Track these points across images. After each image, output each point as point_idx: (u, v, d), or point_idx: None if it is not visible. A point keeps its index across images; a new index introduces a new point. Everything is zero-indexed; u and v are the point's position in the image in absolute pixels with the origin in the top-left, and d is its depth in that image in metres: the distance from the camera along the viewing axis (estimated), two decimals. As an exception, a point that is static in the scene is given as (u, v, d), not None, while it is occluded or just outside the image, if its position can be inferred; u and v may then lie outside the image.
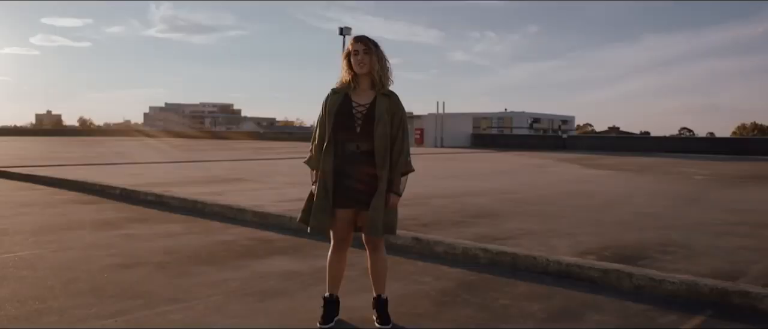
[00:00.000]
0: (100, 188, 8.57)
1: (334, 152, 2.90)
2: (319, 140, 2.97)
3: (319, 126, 2.99)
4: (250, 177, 10.79)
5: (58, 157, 17.38)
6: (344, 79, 2.95)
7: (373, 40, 2.94)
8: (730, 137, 55.29)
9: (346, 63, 2.94)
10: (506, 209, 6.88)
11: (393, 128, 2.92)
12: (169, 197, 7.28)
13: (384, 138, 2.87)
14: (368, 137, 2.87)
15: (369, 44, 2.91)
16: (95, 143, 33.08)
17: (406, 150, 2.97)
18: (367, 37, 2.95)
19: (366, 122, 2.87)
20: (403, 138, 2.95)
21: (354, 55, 2.90)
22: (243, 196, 7.64)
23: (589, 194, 8.75)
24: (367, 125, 2.87)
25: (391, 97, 2.95)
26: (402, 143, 2.94)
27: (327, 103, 2.95)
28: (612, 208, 7.20)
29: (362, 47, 2.90)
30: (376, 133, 2.85)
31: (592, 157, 21.48)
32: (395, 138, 2.93)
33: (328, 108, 2.93)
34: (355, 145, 2.88)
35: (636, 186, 10.31)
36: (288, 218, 5.79)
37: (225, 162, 15.66)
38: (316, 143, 2.99)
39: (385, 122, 2.88)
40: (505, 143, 34.06)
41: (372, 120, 2.86)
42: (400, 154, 2.93)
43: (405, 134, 2.97)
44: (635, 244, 4.87)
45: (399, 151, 2.93)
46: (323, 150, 2.91)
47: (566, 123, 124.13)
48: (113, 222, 6.07)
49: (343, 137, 2.89)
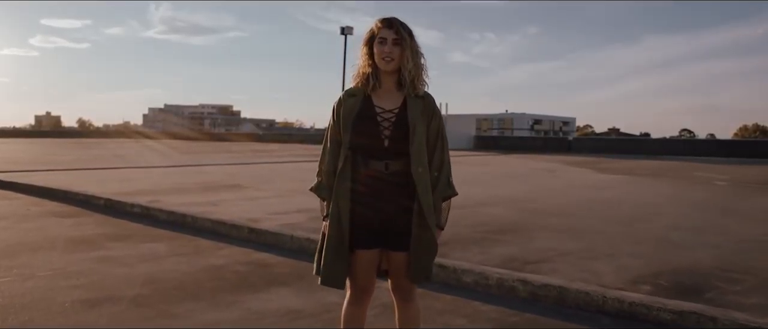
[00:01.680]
0: (84, 198, 7.90)
1: (353, 175, 2.18)
2: (331, 158, 2.24)
3: (330, 140, 2.26)
4: (248, 183, 10.14)
5: (50, 160, 16.74)
6: (362, 72, 2.23)
7: (406, 27, 2.21)
8: (740, 139, 54.59)
9: (367, 51, 2.22)
10: (529, 223, 6.22)
11: (430, 139, 2.24)
12: (156, 210, 6.61)
13: (422, 153, 2.18)
14: (400, 153, 2.16)
15: (402, 31, 2.17)
16: (92, 144, 32.40)
17: (447, 168, 2.27)
18: (400, 20, 2.22)
19: (396, 132, 2.16)
20: (443, 152, 2.26)
21: (380, 44, 2.17)
22: (239, 207, 6.99)
23: (613, 204, 8.10)
24: (397, 137, 2.16)
25: (425, 99, 2.24)
26: (441, 158, 2.25)
27: (340, 109, 2.24)
28: (644, 221, 6.55)
29: (392, 35, 2.16)
30: (413, 146, 2.15)
31: (600, 160, 20.82)
32: (432, 152, 2.24)
33: (343, 115, 2.21)
34: (383, 164, 2.17)
35: (658, 193, 9.66)
36: (288, 237, 5.12)
37: (223, 166, 15.01)
38: (327, 163, 2.26)
39: (421, 130, 2.18)
40: (509, 145, 33.36)
41: (405, 129, 2.16)
42: (440, 173, 2.24)
43: (444, 147, 2.27)
44: (690, 268, 4.22)
45: (438, 169, 2.23)
46: (337, 172, 2.20)
47: (567, 124, 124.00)
48: (90, 240, 5.39)
49: (365, 153, 2.18)
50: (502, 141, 37.01)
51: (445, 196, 2.26)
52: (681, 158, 23.29)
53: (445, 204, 2.27)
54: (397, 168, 2.17)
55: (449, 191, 2.27)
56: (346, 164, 2.18)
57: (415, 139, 2.15)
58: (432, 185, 2.20)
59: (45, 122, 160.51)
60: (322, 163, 2.29)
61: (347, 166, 2.18)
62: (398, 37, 2.17)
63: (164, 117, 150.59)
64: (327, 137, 2.29)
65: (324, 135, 2.32)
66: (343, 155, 2.19)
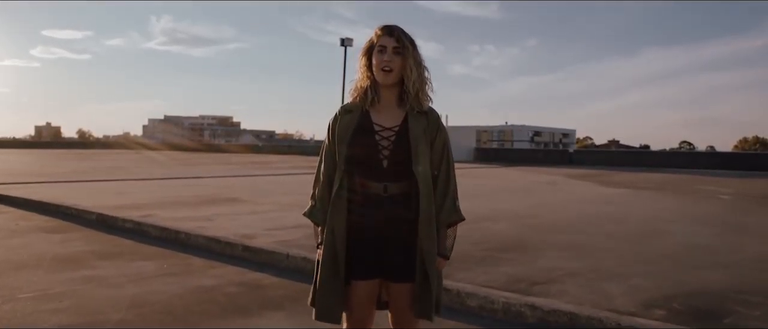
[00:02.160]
0: (75, 212, 7.69)
1: (349, 199, 1.99)
2: (326, 180, 2.06)
3: (326, 160, 2.08)
4: (245, 196, 9.94)
5: (45, 172, 16.56)
6: (360, 85, 2.04)
7: (409, 36, 2.02)
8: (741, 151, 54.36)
9: (365, 62, 2.03)
10: (533, 240, 6.02)
11: (434, 158, 2.04)
12: (148, 226, 6.40)
13: (426, 175, 1.98)
14: (401, 174, 1.98)
15: (403, 40, 1.99)
16: (91, 156, 32.23)
17: (453, 190, 2.07)
18: (401, 28, 2.03)
19: (396, 151, 1.98)
20: (448, 172, 2.06)
21: (379, 52, 1.99)
22: (235, 221, 6.79)
23: (619, 219, 7.90)
24: (397, 157, 1.97)
25: (429, 115, 2.05)
26: (447, 180, 2.05)
27: (335, 126, 2.06)
28: (653, 237, 6.35)
29: (393, 43, 1.98)
30: (417, 167, 1.96)
31: (602, 173, 20.64)
32: (437, 173, 2.04)
33: (339, 133, 2.02)
34: (382, 186, 1.98)
35: (663, 208, 9.47)
36: (284, 256, 4.92)
37: (221, 178, 14.82)
38: (321, 185, 2.07)
39: (424, 150, 1.98)
40: (510, 158, 33.18)
41: (406, 148, 1.97)
42: (445, 196, 2.04)
43: (450, 167, 2.07)
44: (704, 290, 4.02)
45: (443, 192, 2.04)
46: (332, 196, 1.99)
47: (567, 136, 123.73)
48: (78, 259, 5.17)
49: (362, 174, 1.99)
50: (502, 153, 36.84)
51: (450, 222, 2.05)
52: (682, 170, 23.12)
53: (451, 231, 2.07)
54: (397, 191, 1.98)
55: (455, 216, 2.06)
56: (342, 187, 1.99)
57: (417, 159, 1.96)
58: (436, 209, 2.01)
59: (45, 133, 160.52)
60: (317, 185, 2.09)
61: (343, 189, 1.99)
62: (399, 46, 1.98)
63: (164, 128, 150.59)
64: (322, 156, 2.10)
65: (319, 155, 2.13)
66: (339, 176, 2.00)
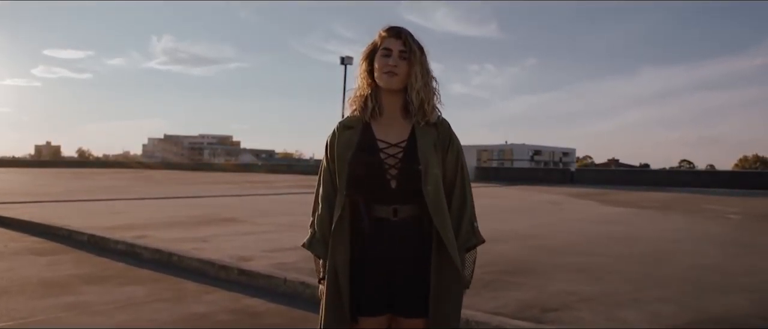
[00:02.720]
0: (66, 233, 7.45)
1: (353, 226, 1.75)
2: (325, 206, 1.80)
3: (324, 183, 1.83)
4: (243, 216, 9.71)
5: (41, 191, 16.32)
6: (360, 93, 1.82)
7: (417, 40, 1.80)
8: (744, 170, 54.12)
9: (367, 68, 1.81)
10: (542, 262, 5.79)
11: (447, 175, 1.80)
12: (141, 247, 6.15)
13: (439, 193, 1.74)
14: (411, 195, 1.72)
15: (411, 43, 1.76)
16: (89, 175, 31.99)
17: (470, 209, 1.82)
18: (409, 31, 1.80)
19: (405, 169, 1.73)
20: (464, 190, 1.82)
21: (383, 56, 1.76)
22: (231, 243, 6.55)
23: (627, 240, 7.66)
24: (406, 175, 1.73)
25: (439, 126, 1.82)
26: (462, 197, 1.80)
27: (334, 144, 1.81)
28: (665, 259, 6.12)
29: (399, 47, 1.75)
30: (427, 186, 1.71)
31: (604, 192, 20.41)
32: (451, 190, 1.80)
33: (339, 152, 1.78)
34: (391, 209, 1.73)
35: (672, 228, 9.23)
36: (282, 281, 4.67)
37: (220, 198, 14.59)
38: (321, 212, 1.82)
39: (436, 166, 1.75)
40: (511, 177, 32.96)
41: (415, 164, 1.72)
42: (462, 217, 1.79)
43: (465, 183, 1.83)
44: (725, 315, 3.79)
45: (459, 212, 1.79)
46: (333, 224, 1.75)
47: (567, 155, 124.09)
48: (64, 283, 4.91)
49: (367, 197, 1.75)
50: (503, 172, 36.64)
51: (469, 246, 1.81)
52: (684, 189, 22.90)
53: (470, 255, 1.82)
54: (409, 214, 1.74)
55: (474, 240, 1.81)
56: (345, 213, 1.74)
57: (429, 177, 1.72)
58: (453, 230, 1.76)
59: (45, 152, 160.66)
60: (316, 212, 1.85)
61: (346, 215, 1.74)
62: (406, 50, 1.76)
63: (164, 147, 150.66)
64: (320, 179, 1.86)
65: (317, 176, 1.89)
66: (340, 202, 1.75)
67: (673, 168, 78.26)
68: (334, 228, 1.74)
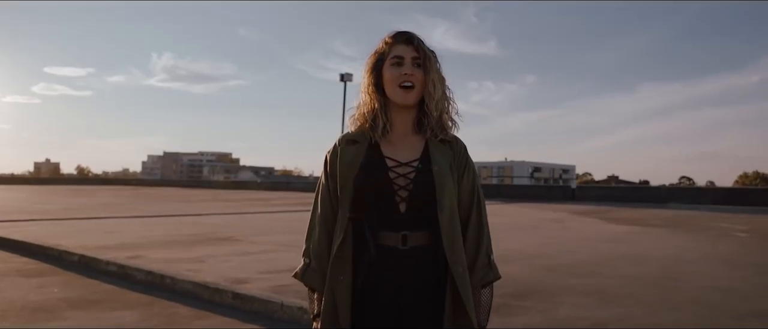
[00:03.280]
0: (57, 253, 7.22)
1: (356, 255, 1.53)
2: (323, 231, 1.59)
3: (322, 205, 1.62)
4: (241, 235, 9.49)
5: (37, 209, 16.12)
6: (366, 110, 1.61)
7: (426, 46, 1.60)
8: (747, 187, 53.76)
9: (373, 81, 1.60)
10: (550, 284, 5.57)
11: (462, 201, 1.60)
12: (133, 269, 5.93)
13: (454, 220, 1.54)
14: (423, 221, 1.52)
15: (424, 48, 1.58)
16: (87, 192, 31.78)
17: (487, 241, 1.62)
18: (419, 37, 1.61)
19: (417, 192, 1.52)
20: (480, 220, 1.62)
21: (393, 65, 1.56)
22: (228, 264, 6.33)
23: (636, 260, 7.44)
24: (418, 199, 1.52)
25: (453, 144, 1.63)
26: (479, 229, 1.61)
27: (335, 161, 1.61)
28: (676, 280, 5.90)
29: (412, 53, 1.56)
30: (442, 212, 1.51)
31: (607, 209, 20.20)
32: (466, 218, 1.60)
33: (342, 170, 1.57)
34: (399, 236, 1.52)
35: (681, 247, 9.00)
36: (278, 305, 4.44)
37: (217, 216, 14.37)
38: (317, 238, 1.60)
39: (451, 190, 1.55)
40: (511, 194, 32.71)
41: (428, 188, 1.52)
42: (478, 250, 1.59)
43: (481, 211, 1.64)
44: (751, 346, 3.57)
45: (475, 244, 1.59)
46: (332, 252, 1.54)
47: (567, 172, 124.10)
48: (50, 308, 4.68)
49: (373, 222, 1.53)
50: (503, 189, 36.40)
51: (485, 281, 1.60)
52: (687, 206, 22.65)
53: (486, 292, 1.61)
54: (420, 242, 1.52)
55: (491, 275, 1.61)
56: (347, 240, 1.53)
57: (444, 201, 1.52)
58: (468, 264, 1.56)
59: (44, 169, 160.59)
60: (311, 237, 1.63)
61: (347, 242, 1.53)
62: (419, 56, 1.57)
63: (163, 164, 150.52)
64: (317, 199, 1.65)
65: (314, 197, 1.68)
66: (341, 226, 1.55)
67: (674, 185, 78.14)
68: (333, 256, 1.54)
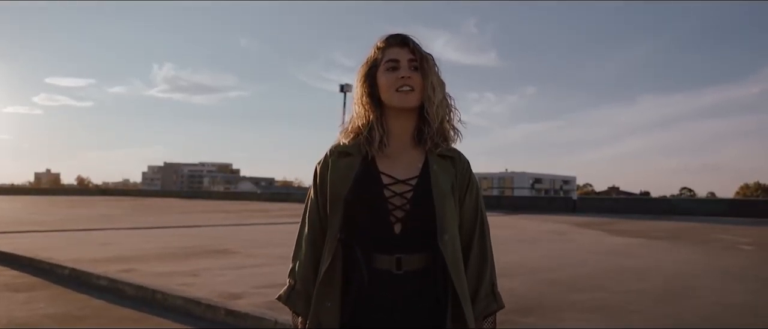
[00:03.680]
0: (48, 266, 7.06)
1: (346, 279, 1.39)
2: (310, 252, 1.46)
3: (310, 223, 1.49)
4: (238, 248, 9.32)
5: (33, 220, 15.97)
6: (361, 122, 1.47)
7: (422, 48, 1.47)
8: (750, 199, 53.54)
9: (366, 90, 1.46)
10: (552, 299, 5.41)
11: (464, 223, 1.46)
12: (124, 283, 5.76)
13: (455, 243, 1.40)
14: (419, 243, 1.38)
15: (421, 50, 1.45)
16: (86, 203, 31.63)
17: (490, 268, 1.48)
18: (414, 38, 1.47)
19: (415, 212, 1.38)
20: (484, 244, 1.48)
21: (388, 70, 1.42)
22: (222, 278, 6.17)
23: (640, 273, 7.27)
24: (416, 219, 1.38)
25: (455, 160, 1.48)
26: (482, 254, 1.47)
27: (326, 174, 1.47)
28: (684, 296, 5.73)
29: (407, 55, 1.43)
30: (442, 236, 1.36)
31: (609, 221, 20.01)
32: (468, 242, 1.46)
33: (332, 185, 1.44)
34: (394, 260, 1.37)
35: (686, 260, 8.83)
36: (272, 322, 4.27)
37: (215, 228, 14.22)
38: (304, 258, 1.48)
39: (453, 212, 1.41)
40: (512, 205, 32.52)
41: (427, 207, 1.38)
42: (481, 278, 1.45)
43: (485, 237, 1.50)
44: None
45: (478, 271, 1.45)
46: (320, 275, 1.40)
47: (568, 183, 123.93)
48: (36, 324, 4.49)
49: (366, 244, 1.39)
50: (504, 201, 36.21)
51: (488, 313, 1.46)
52: (689, 218, 22.46)
53: (489, 323, 1.47)
54: (416, 266, 1.38)
55: (495, 305, 1.47)
56: (335, 262, 1.39)
57: (445, 224, 1.37)
58: (471, 294, 1.42)
59: (44, 180, 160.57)
60: (297, 257, 1.49)
61: (336, 265, 1.39)
62: (416, 58, 1.43)
63: (163, 175, 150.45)
64: (305, 215, 1.51)
65: (302, 211, 1.53)
66: (329, 246, 1.41)
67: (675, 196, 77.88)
68: (321, 280, 1.39)
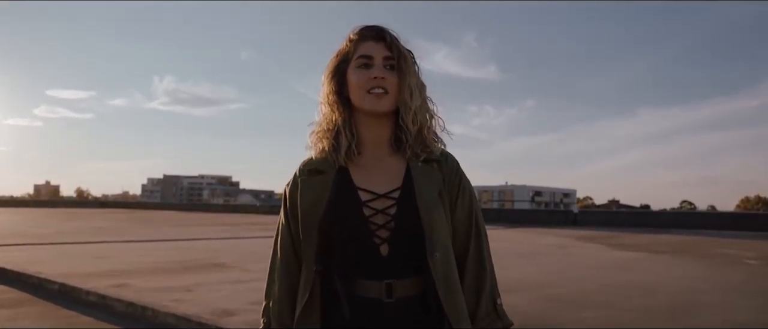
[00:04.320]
0: (37, 281, 6.87)
1: (328, 312, 1.19)
2: (284, 283, 1.26)
3: (282, 252, 1.28)
4: (233, 262, 9.14)
5: (29, 233, 15.78)
6: (328, 126, 1.27)
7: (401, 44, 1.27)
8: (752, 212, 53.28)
9: (334, 88, 1.27)
10: (559, 317, 5.22)
11: (458, 233, 1.27)
12: (113, 299, 5.57)
13: (449, 262, 1.21)
14: (411, 265, 1.19)
15: (399, 47, 1.25)
16: (84, 215, 31.44)
17: (490, 279, 1.28)
18: (392, 32, 1.26)
19: (402, 229, 1.19)
20: (481, 253, 1.28)
21: (360, 67, 1.23)
22: (216, 293, 5.98)
23: (647, 290, 7.08)
24: (403, 237, 1.19)
25: (442, 163, 1.28)
26: (479, 265, 1.27)
27: (296, 197, 1.27)
28: (693, 314, 5.55)
29: (383, 51, 1.23)
30: (435, 252, 1.18)
31: (610, 234, 19.85)
32: (463, 252, 1.26)
33: (304, 209, 1.24)
34: (383, 287, 1.17)
35: (691, 276, 8.64)
36: (264, 342, 4.10)
37: (212, 241, 14.02)
38: (278, 292, 1.26)
39: (442, 223, 1.22)
40: (513, 218, 32.38)
41: (414, 222, 1.19)
42: (480, 292, 1.25)
43: (483, 244, 1.29)
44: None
45: (477, 286, 1.25)
46: (298, 310, 1.20)
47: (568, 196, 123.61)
48: (18, 344, 4.36)
49: (348, 271, 1.19)
50: (504, 214, 36.08)
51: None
52: (692, 231, 22.31)
53: None
54: (409, 292, 1.18)
55: (499, 322, 1.26)
56: (313, 297, 1.18)
57: (435, 240, 1.18)
58: (469, 312, 1.22)
59: (44, 192, 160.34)
60: (270, 293, 1.29)
61: (314, 300, 1.18)
62: (393, 55, 1.23)
63: (163, 187, 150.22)
64: (277, 243, 1.31)
65: (274, 238, 1.33)
66: (307, 279, 1.20)
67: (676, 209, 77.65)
68: (298, 316, 1.20)
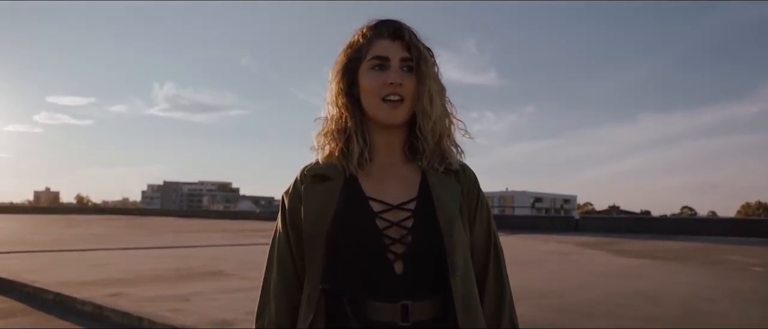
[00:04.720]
0: (32, 290, 6.74)
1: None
2: (282, 304, 1.13)
3: (279, 267, 1.14)
4: (232, 270, 9.01)
5: (27, 240, 15.65)
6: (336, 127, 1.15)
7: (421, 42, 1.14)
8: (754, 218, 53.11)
9: (343, 88, 1.14)
10: (563, 327, 5.10)
11: (476, 250, 1.18)
12: (109, 310, 5.45)
13: (470, 281, 1.12)
14: (428, 284, 1.08)
15: (419, 46, 1.12)
16: (83, 222, 31.29)
17: (508, 298, 1.21)
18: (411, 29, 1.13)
19: (419, 244, 1.08)
20: (500, 272, 1.21)
21: (374, 69, 1.11)
22: (214, 302, 5.86)
23: (653, 298, 6.95)
24: (419, 254, 1.08)
25: (461, 174, 1.18)
26: (499, 284, 1.20)
27: (298, 205, 1.14)
28: (701, 323, 5.43)
29: (400, 52, 1.10)
30: (454, 274, 1.07)
31: (612, 241, 19.69)
32: (483, 270, 1.18)
33: (307, 219, 1.11)
34: (398, 308, 1.06)
35: (697, 283, 8.51)
36: (263, 355, 3.98)
37: (210, 248, 13.90)
38: (274, 314, 1.14)
39: (462, 239, 1.12)
40: (513, 224, 32.15)
41: (434, 240, 1.08)
42: (500, 314, 1.18)
43: (501, 264, 1.22)
44: None
45: (496, 305, 1.18)
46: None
47: (568, 202, 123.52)
48: (9, 357, 4.24)
49: (357, 291, 1.07)
50: (505, 220, 35.85)
51: None
52: (694, 238, 22.14)
53: None
54: (426, 315, 1.07)
55: None
56: (319, 316, 1.06)
57: (457, 257, 1.09)
58: None
59: (43, 198, 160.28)
60: (264, 314, 1.17)
61: (319, 319, 1.07)
62: (411, 57, 1.11)
63: (163, 194, 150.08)
64: (273, 256, 1.18)
65: (268, 251, 1.20)
66: (309, 299, 1.09)
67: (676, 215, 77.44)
68: None
